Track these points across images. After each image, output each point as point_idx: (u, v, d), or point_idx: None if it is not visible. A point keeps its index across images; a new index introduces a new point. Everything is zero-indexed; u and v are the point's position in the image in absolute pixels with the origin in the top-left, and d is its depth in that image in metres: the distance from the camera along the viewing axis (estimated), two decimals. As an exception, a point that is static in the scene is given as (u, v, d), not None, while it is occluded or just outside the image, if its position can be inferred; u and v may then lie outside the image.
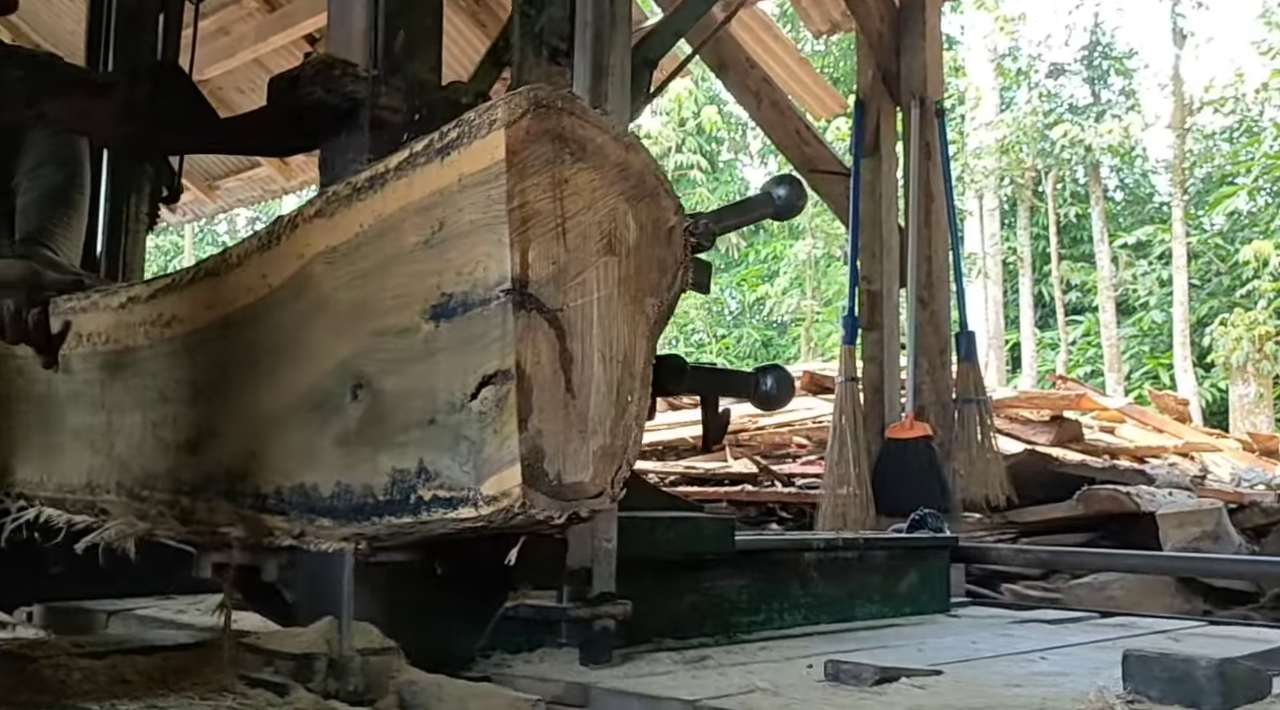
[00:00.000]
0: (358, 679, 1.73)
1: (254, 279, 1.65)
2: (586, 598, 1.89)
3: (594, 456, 1.43)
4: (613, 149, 1.51)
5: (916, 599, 2.78)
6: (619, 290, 1.50)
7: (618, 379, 1.49)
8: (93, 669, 1.58)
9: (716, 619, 2.26)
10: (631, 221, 1.51)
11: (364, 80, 1.85)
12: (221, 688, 1.67)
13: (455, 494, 1.37)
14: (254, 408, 1.64)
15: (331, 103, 1.83)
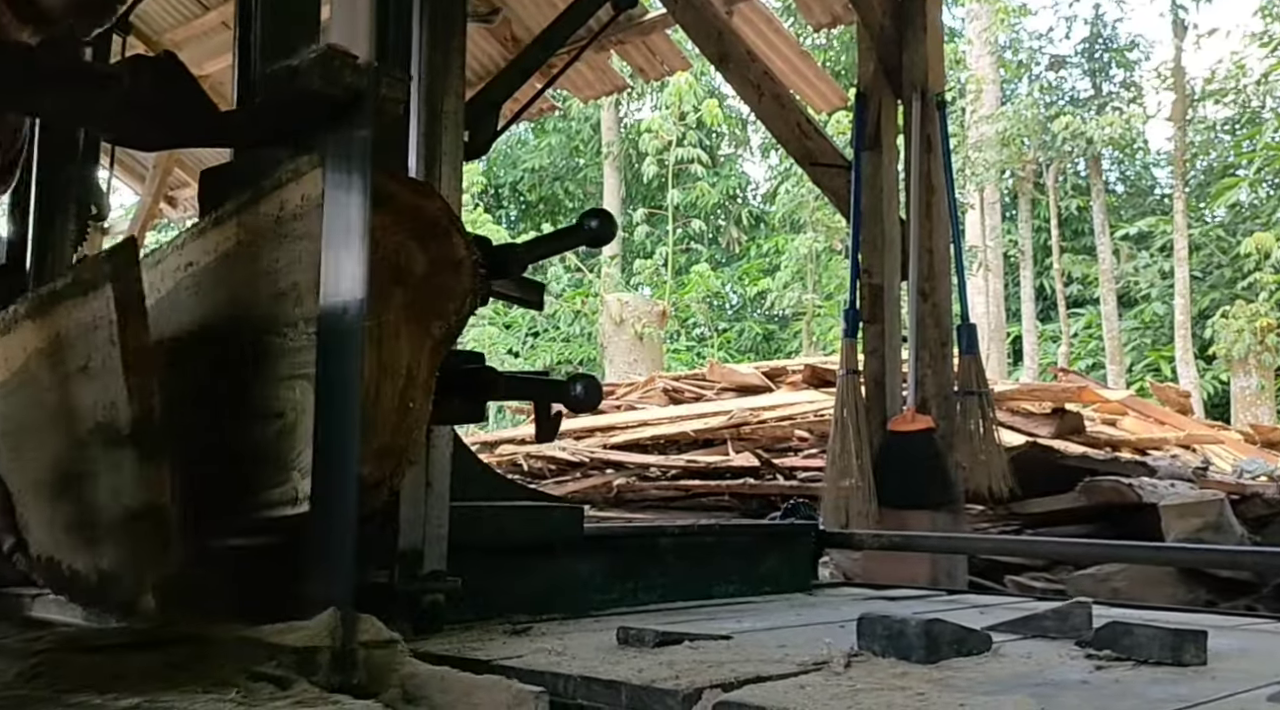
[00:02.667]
0: (361, 672, 1.72)
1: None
2: (417, 576, 2.06)
3: (374, 454, 1.72)
4: (406, 195, 1.84)
5: (776, 579, 2.93)
6: (404, 313, 1.78)
7: (402, 389, 1.76)
8: (94, 662, 1.58)
9: (568, 598, 2.42)
10: (419, 255, 1.82)
11: (365, 72, 1.84)
12: (223, 681, 1.67)
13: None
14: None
15: (331, 94, 1.82)
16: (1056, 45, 23.88)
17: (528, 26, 6.17)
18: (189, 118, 2.00)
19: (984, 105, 20.81)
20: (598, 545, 2.57)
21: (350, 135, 1.90)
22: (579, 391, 2.36)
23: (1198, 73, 24.49)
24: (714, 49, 5.15)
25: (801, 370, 7.62)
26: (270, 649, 1.72)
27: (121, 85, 1.90)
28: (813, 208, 18.26)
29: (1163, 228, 20.57)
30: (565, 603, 2.42)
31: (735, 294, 22.83)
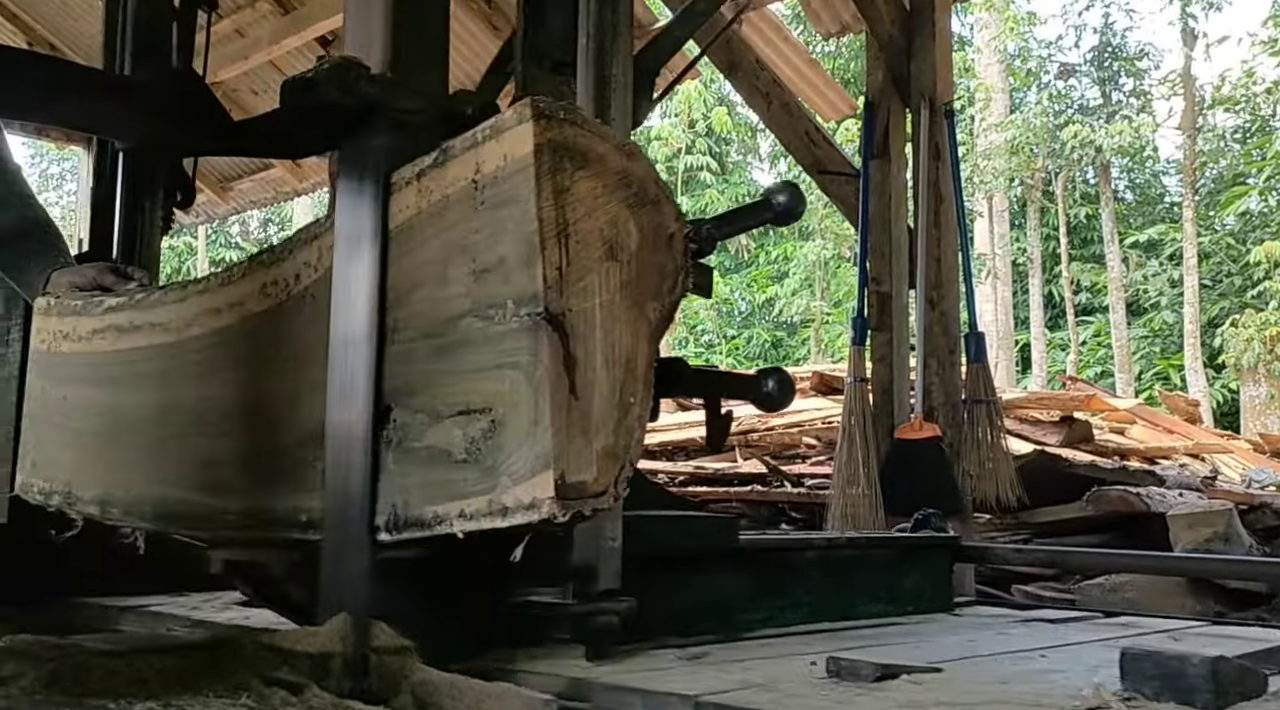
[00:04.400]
0: (372, 678, 1.74)
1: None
2: (590, 594, 1.90)
3: (597, 457, 1.48)
4: (614, 158, 1.57)
5: (919, 598, 2.76)
6: (620, 294, 1.55)
7: (620, 381, 1.54)
8: (112, 667, 1.59)
9: (718, 616, 2.26)
10: (633, 228, 1.58)
11: (380, 82, 1.86)
12: (238, 686, 1.68)
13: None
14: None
15: (347, 104, 1.84)
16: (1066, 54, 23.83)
17: (538, 35, 6.19)
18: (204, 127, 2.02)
19: (993, 113, 20.80)
20: (747, 559, 2.38)
21: (366, 144, 1.92)
22: (770, 388, 2.17)
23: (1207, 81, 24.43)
24: (723, 57, 5.17)
25: (809, 377, 7.62)
26: (283, 654, 1.73)
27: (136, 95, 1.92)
28: (821, 215, 18.27)
29: (1172, 236, 20.54)
30: (715, 621, 2.25)
31: (744, 301, 22.83)
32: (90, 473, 2.38)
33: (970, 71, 21.28)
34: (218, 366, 2.08)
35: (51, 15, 7.28)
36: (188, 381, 2.13)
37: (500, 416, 1.49)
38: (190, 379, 2.12)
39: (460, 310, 1.58)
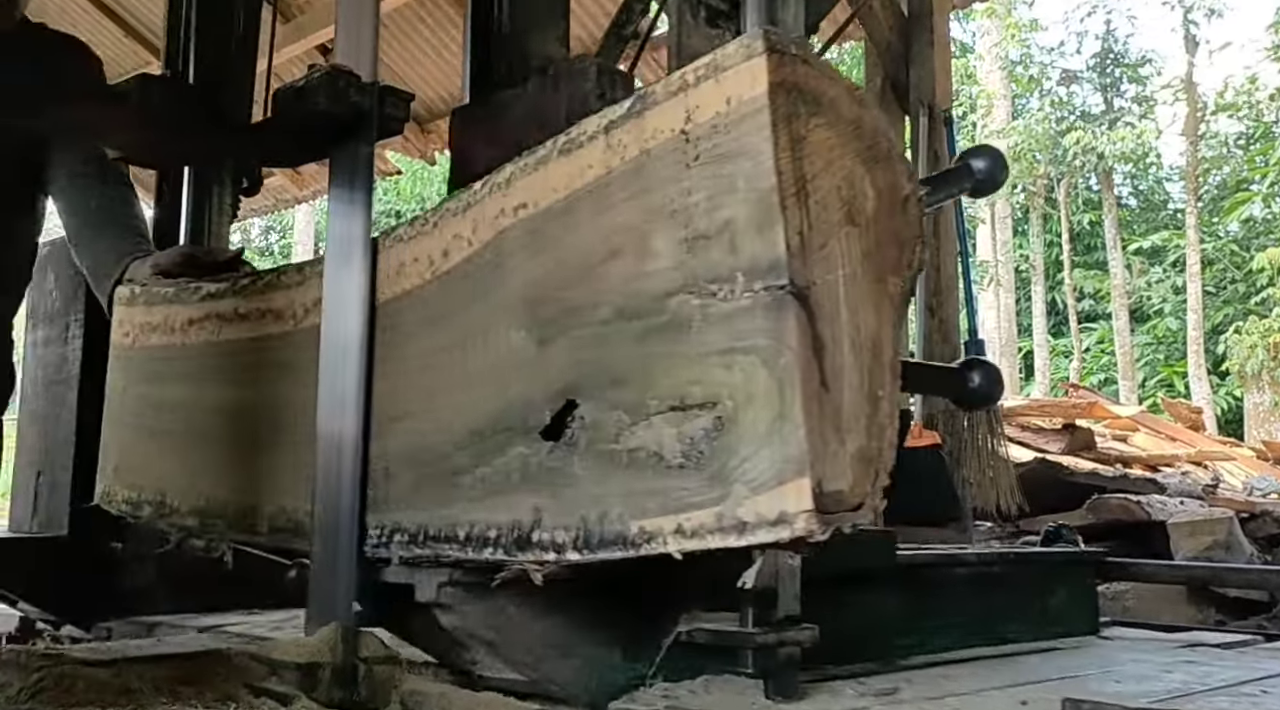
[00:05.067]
0: (361, 687, 1.73)
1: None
2: (771, 621, 1.67)
3: (851, 461, 1.25)
4: (847, 104, 1.34)
5: (1065, 618, 2.55)
6: (861, 266, 1.31)
7: (868, 370, 1.30)
8: (98, 677, 1.59)
9: (876, 641, 2.05)
10: (869, 188, 1.35)
11: (369, 91, 1.86)
12: (226, 696, 1.68)
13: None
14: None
15: (336, 113, 1.85)
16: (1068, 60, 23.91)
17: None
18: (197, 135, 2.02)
19: (995, 120, 20.81)
20: (902, 577, 2.17)
21: (355, 151, 1.92)
22: (976, 382, 1.97)
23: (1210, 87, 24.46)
24: (722, 65, 5.16)
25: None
26: (272, 664, 1.73)
27: (130, 102, 1.92)
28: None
29: (1175, 242, 20.52)
30: (874, 648, 2.06)
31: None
32: (188, 481, 2.19)
33: (972, 78, 21.30)
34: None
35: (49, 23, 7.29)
36: (312, 376, 1.91)
37: (729, 412, 1.25)
38: (313, 373, 1.91)
39: (669, 286, 1.34)
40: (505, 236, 1.60)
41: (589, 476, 1.42)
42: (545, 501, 1.47)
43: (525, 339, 1.55)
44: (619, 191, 1.43)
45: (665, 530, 1.30)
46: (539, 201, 1.55)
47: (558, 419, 1.47)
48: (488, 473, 1.58)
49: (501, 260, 1.61)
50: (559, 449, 1.46)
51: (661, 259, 1.36)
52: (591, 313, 1.45)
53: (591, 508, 1.41)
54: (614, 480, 1.38)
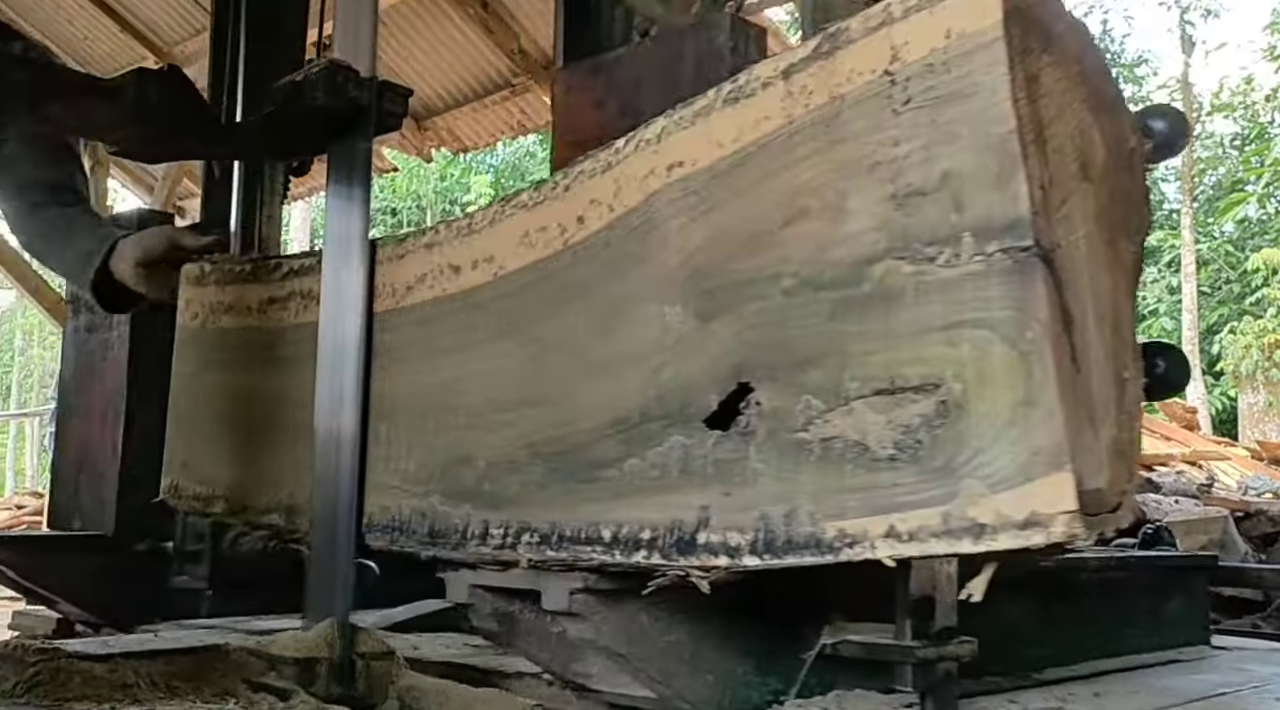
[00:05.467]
0: (359, 683, 1.73)
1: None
2: (929, 633, 1.53)
3: (1107, 453, 1.09)
4: (1071, 40, 1.18)
5: (1180, 627, 2.40)
6: (1096, 227, 1.17)
7: (1111, 348, 1.15)
8: (94, 673, 1.58)
9: (1005, 652, 1.86)
10: (1098, 138, 1.22)
11: (367, 86, 1.85)
12: (224, 692, 1.67)
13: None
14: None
15: (335, 108, 1.84)
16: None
17: (534, 39, 6.20)
18: (193, 130, 2.01)
19: (991, 119, 20.83)
20: (1028, 582, 2.00)
21: (353, 147, 1.92)
22: (1162, 368, 1.79)
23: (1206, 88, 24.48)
24: (720, 63, 5.15)
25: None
26: (270, 660, 1.73)
27: (126, 97, 1.91)
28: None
29: (1170, 243, 20.55)
30: (1003, 659, 1.87)
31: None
32: (269, 475, 2.04)
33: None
34: (469, 339, 1.73)
35: (48, 20, 7.28)
36: (420, 358, 1.79)
37: (957, 396, 1.09)
38: (422, 355, 1.79)
39: (870, 251, 1.19)
40: (656, 200, 1.44)
41: (770, 470, 1.26)
42: (714, 498, 1.31)
43: (682, 315, 1.39)
44: (803, 145, 1.26)
45: (872, 533, 1.15)
46: (698, 159, 1.38)
47: (727, 405, 1.32)
48: (638, 466, 1.42)
49: (652, 227, 1.44)
50: (730, 439, 1.31)
51: (860, 220, 1.20)
52: (769, 285, 1.29)
53: (774, 506, 1.25)
54: (803, 475, 1.22)
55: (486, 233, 1.70)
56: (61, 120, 2.00)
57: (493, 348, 1.68)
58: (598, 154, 1.54)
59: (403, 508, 1.79)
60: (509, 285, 1.65)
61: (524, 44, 6.26)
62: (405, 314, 1.83)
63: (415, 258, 1.82)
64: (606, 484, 1.46)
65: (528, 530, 1.56)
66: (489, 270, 1.68)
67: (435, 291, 1.78)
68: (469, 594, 1.67)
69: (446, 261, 1.76)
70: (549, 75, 6.30)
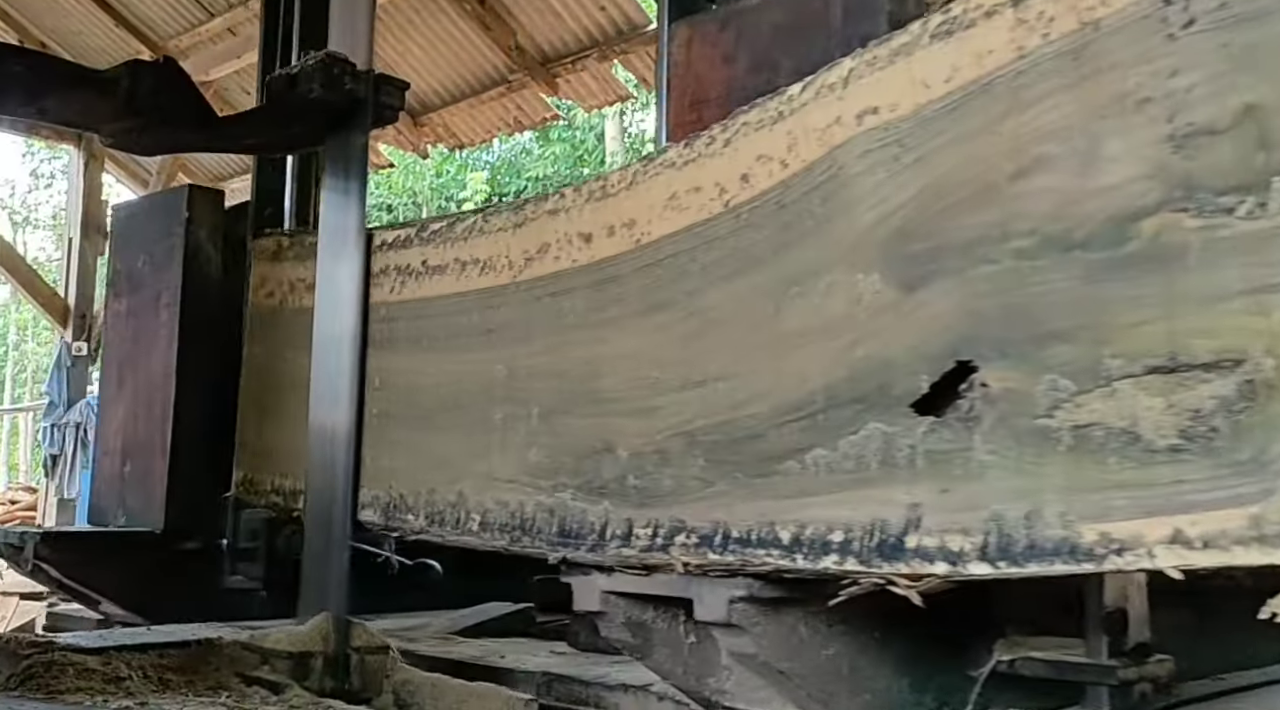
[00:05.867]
0: (354, 677, 1.73)
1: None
2: (1124, 650, 1.39)
3: None
4: None
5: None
6: None
7: None
8: (87, 665, 1.58)
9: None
10: None
11: (364, 78, 1.85)
12: (217, 685, 1.67)
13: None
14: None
15: (332, 101, 1.84)
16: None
17: (531, 35, 6.19)
18: (188, 123, 2.01)
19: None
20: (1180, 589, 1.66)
21: (349, 140, 1.92)
22: None
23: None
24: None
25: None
26: (264, 654, 1.72)
27: (121, 89, 1.91)
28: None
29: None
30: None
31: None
32: (372, 466, 1.88)
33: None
34: (606, 314, 1.54)
35: (43, 13, 7.26)
36: (543, 336, 1.62)
37: (1269, 374, 0.93)
38: (545, 333, 1.61)
39: (1139, 203, 1.02)
40: (843, 152, 1.25)
41: (1003, 463, 1.09)
42: (927, 495, 1.15)
43: (880, 284, 1.21)
44: (1041, 82, 1.09)
45: (1149, 538, 0.98)
46: (899, 104, 1.21)
47: (940, 387, 1.16)
48: (825, 457, 1.25)
49: (839, 184, 1.26)
50: (946, 426, 1.15)
51: (1122, 168, 1.03)
52: (996, 246, 1.12)
53: (1010, 505, 1.08)
54: (1049, 468, 1.06)
55: (624, 196, 1.53)
56: (57, 112, 2.00)
57: (637, 323, 1.49)
58: (765, 104, 1.37)
59: (525, 504, 1.62)
60: (654, 253, 1.48)
61: (521, 40, 6.24)
62: (524, 288, 1.67)
63: (535, 226, 1.66)
64: (785, 478, 1.29)
65: (683, 530, 1.39)
66: (628, 237, 1.51)
67: (563, 262, 1.62)
68: (601, 601, 1.48)
69: (576, 229, 1.60)
70: (546, 72, 6.29)
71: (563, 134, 23.93)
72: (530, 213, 1.69)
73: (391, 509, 1.82)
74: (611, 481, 1.50)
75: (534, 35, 6.18)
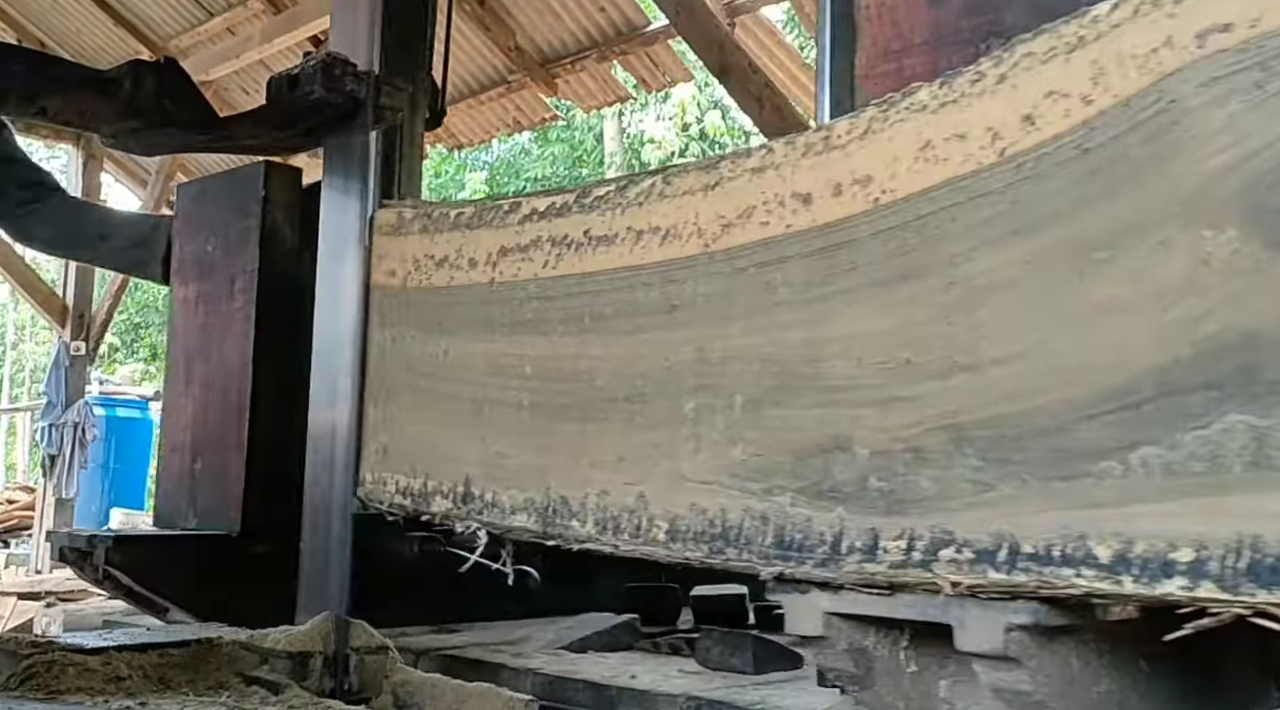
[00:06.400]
0: (353, 677, 1.73)
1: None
2: None
3: None
4: None
5: None
6: None
7: None
8: (87, 665, 1.58)
9: None
10: None
11: (365, 79, 1.86)
12: (217, 685, 1.67)
13: None
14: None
15: (333, 101, 1.84)
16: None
17: (530, 36, 6.20)
18: (190, 123, 2.01)
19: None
20: None
21: (350, 141, 1.92)
22: None
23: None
24: (716, 60, 5.16)
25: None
26: (264, 653, 1.73)
27: (122, 90, 1.91)
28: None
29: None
30: None
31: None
32: (517, 463, 1.63)
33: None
34: (835, 286, 1.29)
35: (43, 13, 7.26)
36: (746, 314, 1.37)
37: None
38: (749, 310, 1.37)
39: None
40: (1176, 83, 1.03)
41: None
42: None
43: (1237, 241, 0.99)
44: None
45: None
46: (1258, 18, 0.99)
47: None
48: (1161, 457, 1.03)
49: (1169, 121, 1.04)
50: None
51: None
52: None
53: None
54: None
55: (855, 148, 1.29)
56: (58, 112, 2.00)
57: (878, 297, 1.25)
58: (1057, 29, 1.14)
59: (728, 510, 1.36)
60: (899, 213, 1.24)
61: (520, 40, 6.25)
62: (719, 259, 1.42)
63: (734, 188, 1.42)
64: (1099, 482, 1.07)
65: (950, 543, 1.16)
66: (864, 195, 1.27)
67: (772, 228, 1.36)
68: (824, 624, 1.26)
69: (789, 189, 1.34)
70: (545, 72, 6.30)
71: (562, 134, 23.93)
72: (727, 172, 1.44)
73: (549, 514, 1.58)
74: (847, 484, 1.26)
75: (533, 35, 6.19)
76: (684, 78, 6.90)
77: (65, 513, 8.23)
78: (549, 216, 1.62)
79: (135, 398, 12.12)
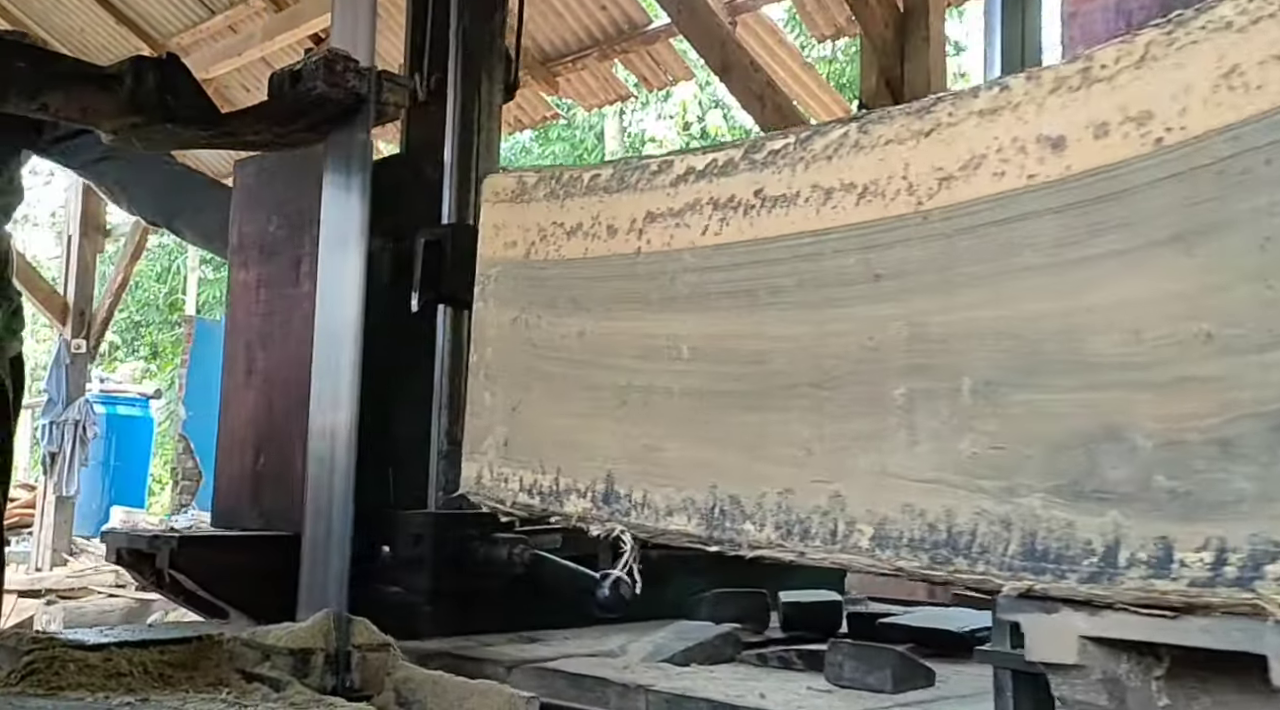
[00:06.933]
0: (355, 674, 1.73)
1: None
2: None
3: None
4: None
5: None
6: None
7: None
8: (88, 661, 1.58)
9: None
10: None
11: (366, 75, 1.85)
12: (218, 682, 1.67)
13: None
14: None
15: (335, 97, 1.84)
16: (1060, 60, 23.86)
17: (531, 34, 6.20)
18: (192, 119, 2.01)
19: (987, 119, 20.87)
20: None
21: (351, 137, 1.91)
22: None
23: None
24: (717, 59, 5.16)
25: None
26: (265, 650, 1.72)
27: (124, 86, 1.91)
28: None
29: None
30: None
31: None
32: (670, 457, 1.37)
33: (965, 78, 21.36)
34: (1098, 247, 1.04)
35: (45, 11, 7.27)
36: (976, 284, 1.13)
37: None
38: (991, 277, 1.11)
39: None
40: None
41: None
42: None
43: None
44: None
45: None
46: None
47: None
48: None
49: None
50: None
51: None
52: None
53: None
54: None
55: (1126, 79, 1.05)
56: (59, 108, 2.00)
57: (1161, 258, 1.01)
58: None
59: (955, 512, 1.13)
60: (1193, 157, 0.99)
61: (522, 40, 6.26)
62: (937, 218, 1.18)
63: (956, 133, 1.19)
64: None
65: (1277, 556, 0.94)
66: (1140, 136, 1.03)
67: (1010, 180, 1.12)
68: (1079, 652, 1.05)
69: (1033, 132, 1.11)
70: (546, 71, 6.30)
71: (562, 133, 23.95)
72: (946, 116, 1.21)
73: (715, 516, 1.33)
74: (1123, 482, 1.00)
75: (534, 34, 6.19)
76: (685, 76, 6.91)
77: (65, 510, 8.24)
78: (709, 176, 1.38)
79: (136, 395, 12.14)
